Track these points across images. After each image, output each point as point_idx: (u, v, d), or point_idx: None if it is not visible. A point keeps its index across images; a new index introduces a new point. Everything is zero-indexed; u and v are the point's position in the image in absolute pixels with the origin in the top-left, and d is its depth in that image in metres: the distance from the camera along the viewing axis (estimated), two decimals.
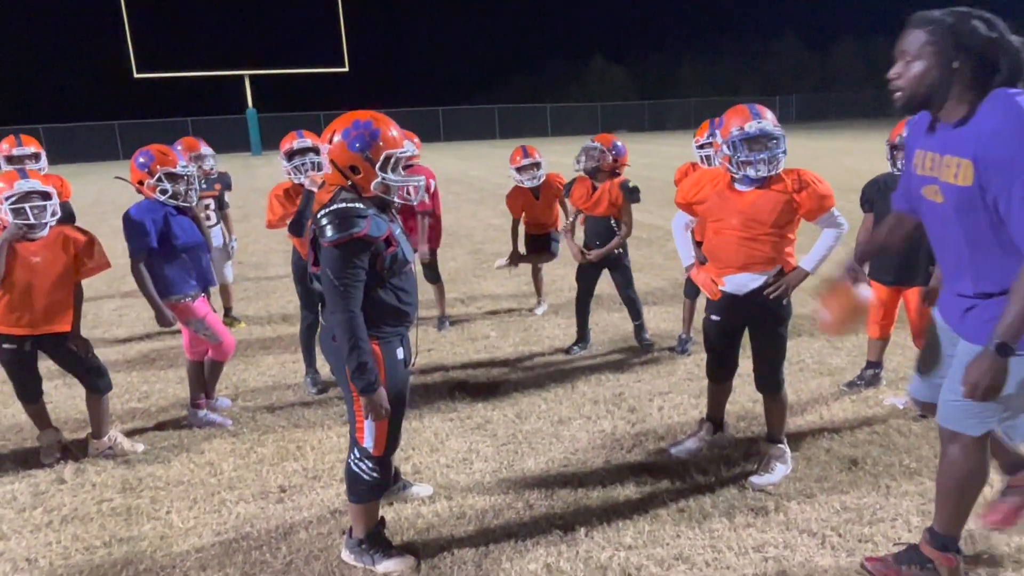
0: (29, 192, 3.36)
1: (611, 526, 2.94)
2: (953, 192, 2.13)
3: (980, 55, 2.06)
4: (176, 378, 4.88)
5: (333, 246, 2.33)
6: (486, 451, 3.64)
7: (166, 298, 3.76)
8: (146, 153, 3.77)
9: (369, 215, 2.38)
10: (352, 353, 2.34)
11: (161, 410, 4.36)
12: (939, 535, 2.47)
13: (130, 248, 3.68)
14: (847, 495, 3.09)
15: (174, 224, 3.74)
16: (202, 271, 3.90)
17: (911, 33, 2.15)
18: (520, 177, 5.57)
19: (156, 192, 3.74)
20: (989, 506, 2.69)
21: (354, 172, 2.45)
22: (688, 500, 3.11)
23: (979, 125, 2.06)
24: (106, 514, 3.21)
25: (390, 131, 2.48)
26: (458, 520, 3.04)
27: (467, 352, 5.21)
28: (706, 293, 3.43)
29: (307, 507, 3.19)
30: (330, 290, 2.35)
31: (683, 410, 4.05)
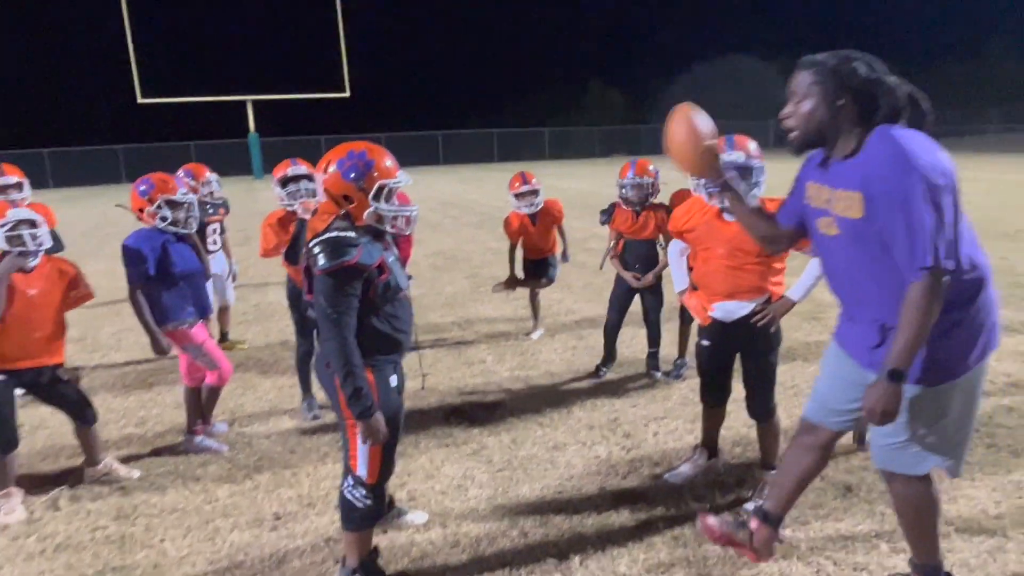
0: (21, 220, 3.36)
1: (605, 554, 2.92)
2: (847, 224, 2.21)
3: (862, 93, 2.18)
4: (173, 403, 4.87)
5: (326, 274, 2.35)
6: (481, 477, 3.63)
7: (163, 325, 3.76)
8: (147, 181, 3.79)
9: (361, 243, 2.40)
10: (347, 380, 2.34)
11: (157, 436, 4.35)
12: (920, 566, 2.48)
13: (128, 275, 3.70)
14: (842, 522, 3.07)
15: (172, 252, 3.75)
16: (200, 298, 3.91)
17: (799, 75, 2.27)
18: (518, 203, 5.61)
19: (156, 219, 3.76)
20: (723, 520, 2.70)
21: (348, 201, 2.47)
22: (683, 527, 3.09)
23: (865, 159, 2.15)
24: (100, 542, 3.19)
25: (384, 162, 2.51)
26: (452, 548, 3.02)
27: (463, 377, 5.20)
28: (697, 319, 3.46)
29: (301, 535, 3.17)
30: (323, 318, 2.36)
31: (678, 435, 4.04)
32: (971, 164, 23.94)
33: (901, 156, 2.05)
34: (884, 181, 2.07)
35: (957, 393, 2.24)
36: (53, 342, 3.53)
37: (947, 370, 2.21)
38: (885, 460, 2.37)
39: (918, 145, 2.07)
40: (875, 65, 2.20)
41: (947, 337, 2.17)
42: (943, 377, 2.20)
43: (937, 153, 2.07)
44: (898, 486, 2.39)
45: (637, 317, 5.17)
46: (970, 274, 2.16)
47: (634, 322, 6.15)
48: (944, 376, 2.21)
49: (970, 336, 2.20)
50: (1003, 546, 2.85)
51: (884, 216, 2.08)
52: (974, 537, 2.91)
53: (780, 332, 3.25)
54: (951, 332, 2.18)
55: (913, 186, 2.01)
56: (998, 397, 4.35)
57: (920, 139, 2.10)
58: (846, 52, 2.24)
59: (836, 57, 2.22)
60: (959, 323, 2.18)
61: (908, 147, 2.06)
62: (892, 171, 2.05)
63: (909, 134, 2.12)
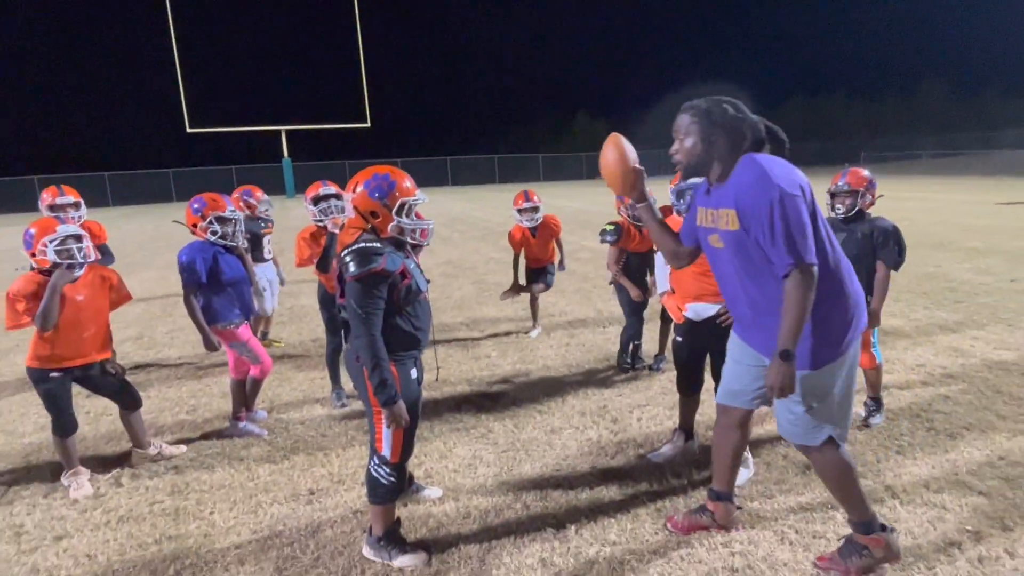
0: (68, 236, 3.33)
1: (598, 524, 2.90)
2: (729, 237, 2.31)
3: (730, 129, 2.30)
4: (219, 393, 4.85)
5: (355, 280, 2.34)
6: (488, 457, 3.61)
7: (213, 325, 3.75)
8: (199, 200, 3.79)
9: (386, 253, 2.40)
10: (375, 371, 2.34)
11: (206, 421, 4.33)
12: (857, 523, 2.49)
13: (183, 282, 3.69)
14: (802, 496, 3.06)
15: (221, 262, 3.74)
16: (244, 302, 3.89)
17: (680, 117, 2.39)
18: (520, 218, 5.62)
19: (208, 233, 3.76)
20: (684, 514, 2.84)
21: (374, 216, 2.48)
22: (664, 501, 3.08)
23: (735, 181, 2.27)
24: (157, 514, 3.17)
25: (405, 182, 2.52)
26: (464, 519, 3.00)
27: (471, 370, 5.18)
28: (673, 318, 3.47)
29: (332, 508, 3.15)
30: (354, 317, 2.35)
31: (659, 421, 4.03)
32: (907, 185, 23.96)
33: (761, 175, 2.17)
34: (750, 196, 2.18)
35: (838, 371, 2.33)
36: (100, 340, 3.49)
37: (828, 353, 2.30)
38: (790, 434, 2.44)
39: (775, 165, 2.20)
40: (739, 106, 2.34)
41: (824, 325, 2.28)
42: (826, 359, 2.30)
43: (791, 171, 2.20)
44: (815, 456, 2.45)
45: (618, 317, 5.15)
46: (834, 274, 2.27)
47: (618, 321, 6.16)
48: (827, 358, 2.30)
49: (842, 323, 2.30)
50: (942, 516, 2.84)
51: (754, 226, 2.20)
52: (917, 508, 2.90)
53: None
54: (827, 321, 2.28)
55: (773, 198, 2.13)
56: (935, 387, 4.34)
57: (777, 161, 2.23)
58: (716, 97, 2.35)
59: (708, 101, 2.34)
60: (831, 313, 2.28)
61: (766, 167, 2.18)
62: (755, 188, 2.17)
63: (768, 158, 2.25)
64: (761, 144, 2.34)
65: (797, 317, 2.16)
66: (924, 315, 6.19)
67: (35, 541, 2.99)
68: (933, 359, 4.90)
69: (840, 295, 2.29)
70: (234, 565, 2.74)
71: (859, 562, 2.45)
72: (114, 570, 2.75)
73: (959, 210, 15.45)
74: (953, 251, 9.75)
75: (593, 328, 6.22)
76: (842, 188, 3.63)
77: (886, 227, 3.55)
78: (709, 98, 2.36)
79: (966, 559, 2.55)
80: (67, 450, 3.44)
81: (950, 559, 2.56)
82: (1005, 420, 3.78)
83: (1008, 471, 3.20)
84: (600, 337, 5.92)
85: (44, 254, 3.25)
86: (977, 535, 2.70)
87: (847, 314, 2.30)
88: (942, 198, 18.92)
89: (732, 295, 2.46)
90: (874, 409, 3.83)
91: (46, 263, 3.27)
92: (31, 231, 3.29)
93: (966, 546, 2.63)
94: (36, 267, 3.31)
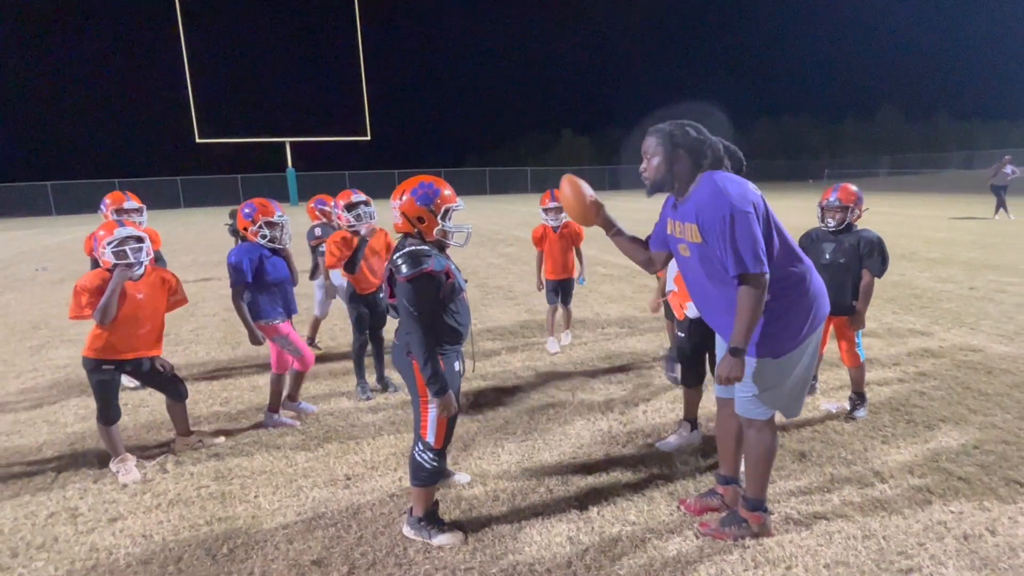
0: (127, 237, 3.35)
1: (617, 506, 2.97)
2: (694, 247, 2.43)
3: (691, 149, 2.40)
4: (248, 387, 4.85)
5: (407, 280, 2.39)
6: (510, 447, 3.66)
7: (257, 321, 3.77)
8: (250, 205, 3.81)
9: (433, 254, 2.45)
10: (427, 364, 2.39)
11: (240, 413, 4.33)
12: (750, 499, 2.65)
13: (231, 281, 3.71)
14: (800, 481, 3.15)
15: (267, 263, 3.76)
16: (287, 301, 3.90)
17: (647, 139, 2.50)
18: (546, 217, 5.46)
19: (257, 237, 3.78)
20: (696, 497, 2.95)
21: (420, 222, 2.52)
22: (675, 484, 3.16)
23: (695, 197, 2.38)
24: (205, 498, 3.19)
25: (446, 190, 2.57)
26: (493, 502, 3.05)
27: (484, 366, 5.22)
28: (676, 315, 3.55)
29: (369, 492, 3.19)
30: (406, 315, 2.40)
31: (663, 413, 4.10)
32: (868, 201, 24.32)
33: (716, 192, 2.27)
34: (707, 211, 2.29)
35: (796, 359, 2.46)
36: (153, 337, 3.50)
37: (785, 345, 2.42)
38: (743, 409, 2.57)
39: (730, 183, 2.30)
40: (700, 129, 2.45)
41: (782, 320, 2.39)
42: (784, 350, 2.42)
43: (746, 188, 2.29)
44: (752, 433, 2.58)
45: (629, 317, 5.22)
46: (793, 273, 2.38)
47: (615, 323, 6.25)
48: (785, 349, 2.42)
49: (799, 318, 2.41)
50: (928, 499, 2.94)
51: (711, 239, 2.30)
52: (904, 492, 3.00)
53: None
54: (785, 316, 2.40)
55: (725, 214, 2.23)
56: (911, 384, 4.47)
57: (732, 179, 2.33)
58: (679, 121, 2.47)
59: (671, 124, 2.45)
60: (788, 310, 2.39)
61: (721, 185, 2.28)
62: (711, 204, 2.27)
63: (724, 176, 2.34)
64: (720, 162, 2.43)
65: (747, 319, 2.29)
66: (894, 319, 6.35)
67: (91, 523, 3.00)
68: (907, 359, 5.03)
69: (799, 292, 2.40)
70: (283, 544, 2.77)
71: (736, 531, 2.65)
72: (170, 548, 2.77)
73: (919, 224, 15.77)
74: (915, 261, 9.97)
75: (593, 329, 6.29)
76: (833, 204, 3.73)
77: (871, 238, 3.66)
78: (672, 122, 2.47)
79: (952, 536, 2.66)
80: (111, 438, 3.45)
81: (938, 536, 2.66)
82: (975, 413, 3.91)
83: (983, 459, 3.31)
84: (600, 337, 5.99)
85: (104, 255, 3.29)
86: (960, 515, 2.80)
87: (806, 310, 2.42)
88: (903, 212, 19.29)
89: (700, 296, 2.57)
90: (858, 403, 3.94)
91: (108, 263, 3.30)
92: (99, 234, 3.32)
93: (951, 525, 2.74)
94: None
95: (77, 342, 6.42)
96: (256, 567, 2.61)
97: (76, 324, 7.20)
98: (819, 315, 2.45)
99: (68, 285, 9.77)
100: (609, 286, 8.62)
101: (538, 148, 63.30)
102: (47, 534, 2.92)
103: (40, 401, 4.70)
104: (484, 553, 2.64)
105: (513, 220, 20.26)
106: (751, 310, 2.27)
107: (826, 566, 2.49)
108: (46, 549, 2.80)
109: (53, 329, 7.05)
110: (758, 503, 2.64)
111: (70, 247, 15.96)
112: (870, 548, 2.59)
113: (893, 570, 2.45)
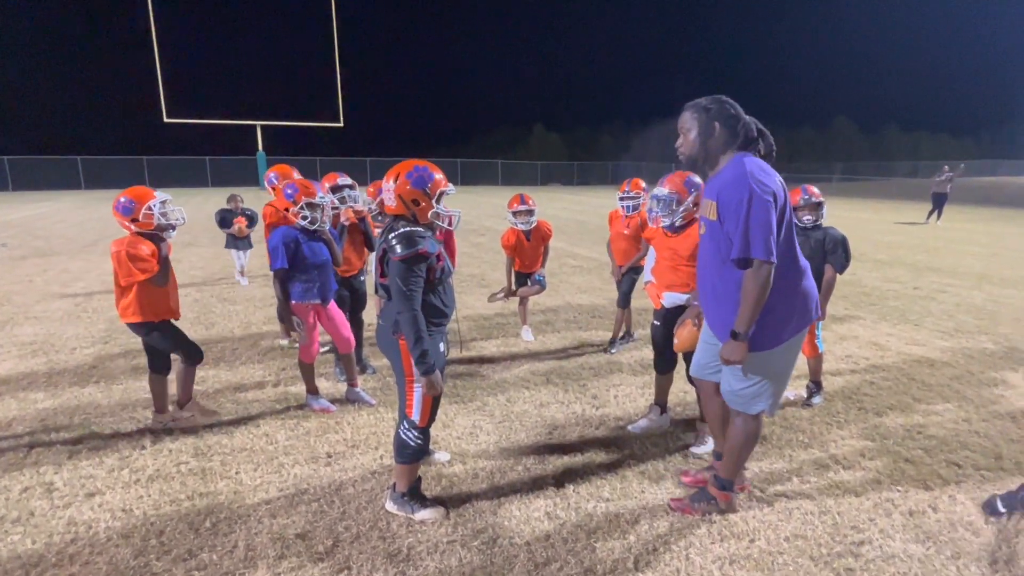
0: (166, 200, 3.39)
1: (592, 484, 3.04)
2: (709, 224, 2.46)
3: (727, 125, 2.41)
4: (226, 368, 4.76)
5: (401, 260, 2.39)
6: (487, 427, 3.70)
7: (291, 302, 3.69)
8: (292, 186, 3.64)
9: (427, 236, 2.45)
10: (417, 343, 2.39)
11: (217, 392, 4.25)
12: (720, 479, 2.74)
13: (271, 264, 3.62)
14: (761, 462, 3.27)
15: (305, 247, 3.64)
16: (324, 285, 3.75)
17: (683, 114, 2.51)
18: (515, 220, 5.23)
19: (299, 218, 3.65)
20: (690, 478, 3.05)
21: (415, 204, 2.52)
22: (646, 464, 3.24)
23: (721, 175, 2.40)
24: (185, 474, 3.13)
25: (438, 174, 2.57)
26: (473, 479, 3.09)
27: (458, 351, 5.23)
28: (652, 304, 3.62)
29: (351, 469, 3.18)
30: (399, 294, 2.40)
31: (633, 398, 4.19)
32: None
33: (741, 175, 2.28)
34: (728, 190, 2.30)
35: (782, 354, 2.49)
36: (178, 298, 3.58)
37: (775, 339, 2.45)
38: (733, 402, 2.63)
39: (757, 169, 2.30)
40: (736, 106, 2.45)
41: (777, 315, 2.42)
42: (766, 345, 2.45)
43: (771, 178, 2.30)
44: (739, 421, 2.64)
45: (599, 306, 5.27)
46: (791, 271, 2.41)
47: (588, 312, 6.32)
48: (766, 344, 2.45)
49: (792, 315, 2.45)
50: (878, 479, 3.10)
51: (727, 219, 2.32)
52: (856, 472, 3.16)
53: None
54: (780, 312, 2.42)
55: (744, 197, 2.25)
56: (862, 375, 4.68)
57: (761, 166, 2.34)
58: (716, 96, 2.46)
59: (708, 99, 2.45)
60: (784, 306, 2.42)
61: (748, 169, 2.29)
62: (734, 183, 2.29)
63: (754, 161, 2.35)
64: (753, 143, 2.42)
65: (751, 305, 2.32)
66: (845, 315, 6.61)
67: (68, 498, 2.92)
68: (857, 351, 5.26)
69: (794, 292, 2.43)
70: (267, 518, 2.75)
71: (704, 507, 2.76)
72: (151, 523, 2.72)
73: (867, 227, 16.36)
74: (864, 262, 10.36)
75: (565, 317, 6.36)
76: (810, 201, 3.82)
77: (836, 236, 3.80)
78: (710, 96, 2.45)
79: (899, 512, 2.81)
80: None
81: (887, 512, 2.81)
82: (920, 402, 4.12)
83: (926, 443, 3.51)
84: (572, 325, 6.06)
85: (149, 217, 3.29)
86: (906, 494, 2.97)
87: (797, 309, 2.45)
88: (853, 216, 19.97)
89: (702, 278, 2.60)
90: (815, 391, 4.11)
91: (150, 225, 3.31)
92: (128, 198, 3.29)
93: (898, 502, 2.89)
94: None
95: (43, 319, 6.17)
96: (240, 540, 2.59)
97: (42, 300, 6.92)
98: (807, 318, 2.47)
99: (31, 262, 9.35)
100: (579, 277, 8.71)
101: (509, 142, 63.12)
102: (22, 508, 2.83)
103: (7, 378, 4.51)
104: (465, 527, 2.68)
105: (484, 211, 20.22)
106: (755, 297, 2.28)
107: (786, 539, 2.61)
108: (21, 523, 2.72)
109: (17, 306, 6.76)
110: (728, 483, 2.74)
111: (31, 223, 15.24)
112: (826, 523, 2.72)
113: (847, 543, 2.59)
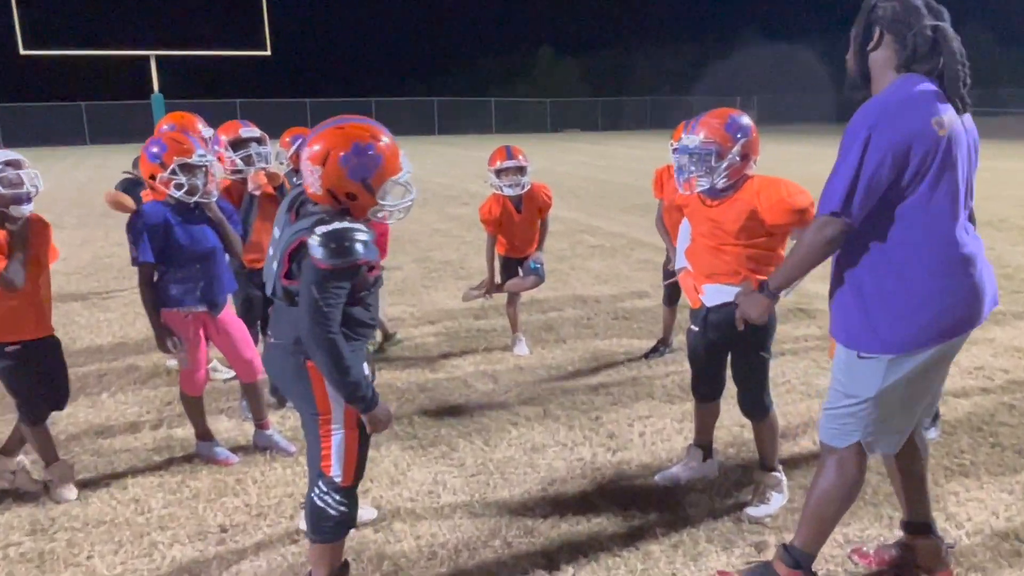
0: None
1: (600, 564, 2.96)
2: None
3: (891, 32, 2.32)
4: (87, 403, 4.69)
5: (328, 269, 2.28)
6: (454, 483, 3.62)
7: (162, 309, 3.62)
8: (157, 142, 3.56)
9: (367, 238, 2.35)
10: (345, 373, 2.31)
11: (72, 438, 4.18)
12: (795, 550, 2.61)
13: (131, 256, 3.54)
14: (848, 527, 3.17)
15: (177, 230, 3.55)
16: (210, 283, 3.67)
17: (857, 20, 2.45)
18: (499, 182, 5.02)
19: (171, 187, 3.52)
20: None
21: (351, 199, 2.40)
22: (681, 533, 3.16)
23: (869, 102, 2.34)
24: (14, 560, 3.06)
25: (389, 149, 2.42)
26: (429, 560, 3.01)
27: (423, 372, 5.17)
28: (689, 301, 3.50)
29: (253, 550, 3.11)
30: (312, 310, 2.29)
31: (666, 435, 4.11)
32: None
33: (872, 105, 2.25)
34: (855, 116, 2.28)
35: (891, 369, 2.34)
36: None
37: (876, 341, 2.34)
38: (823, 430, 2.57)
39: (897, 101, 2.23)
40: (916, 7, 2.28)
41: (879, 304, 2.33)
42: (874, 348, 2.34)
43: (924, 118, 2.20)
44: (829, 462, 2.54)
45: (625, 304, 5.22)
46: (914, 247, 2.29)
47: (605, 312, 6.25)
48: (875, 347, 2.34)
49: (908, 310, 2.30)
50: (1019, 550, 3.00)
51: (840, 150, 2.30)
52: (988, 542, 3.06)
53: (774, 322, 3.31)
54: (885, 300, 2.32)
55: (861, 129, 2.21)
56: (998, 395, 4.58)
57: (926, 98, 2.23)
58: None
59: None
60: (894, 294, 2.31)
61: (902, 97, 2.23)
62: (864, 109, 2.27)
63: (926, 91, 2.25)
64: (923, 62, 2.30)
65: (798, 262, 2.39)
66: None
67: None
68: (992, 361, 5.15)
69: (916, 278, 2.29)
70: None
71: None
72: None
73: (1012, 181, 16.22)
74: (1006, 231, 10.24)
75: (575, 319, 6.28)
76: None
77: None
78: None
79: None
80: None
81: None
82: None
83: None
84: (584, 331, 5.99)
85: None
86: None
87: (922, 304, 2.29)
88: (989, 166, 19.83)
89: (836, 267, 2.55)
90: (929, 422, 4.00)
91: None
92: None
93: None
94: None
95: None
96: None
97: None
98: (946, 322, 2.31)
99: None
100: (598, 262, 8.63)
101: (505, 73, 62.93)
102: None
103: None
104: None
105: (469, 170, 20.17)
106: (806, 250, 2.35)
107: None
108: None
109: None
110: (805, 559, 2.60)
111: None
112: None
113: None
